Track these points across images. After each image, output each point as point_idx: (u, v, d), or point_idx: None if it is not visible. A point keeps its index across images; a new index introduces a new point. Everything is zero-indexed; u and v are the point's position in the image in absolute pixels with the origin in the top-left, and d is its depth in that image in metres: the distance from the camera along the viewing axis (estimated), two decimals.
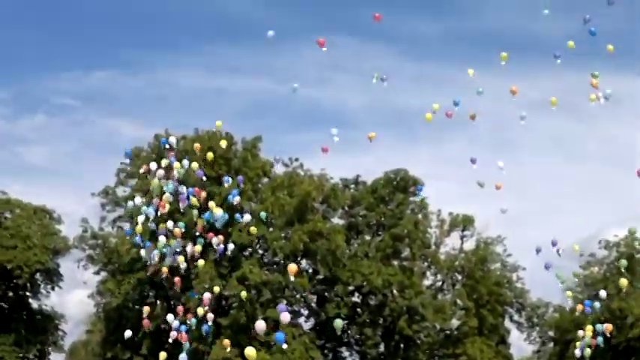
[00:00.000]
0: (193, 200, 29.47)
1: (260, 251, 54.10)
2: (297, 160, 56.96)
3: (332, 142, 27.88)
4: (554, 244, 27.68)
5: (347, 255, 55.27)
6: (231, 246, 34.15)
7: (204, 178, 36.76)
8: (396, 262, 57.24)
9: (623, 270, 41.11)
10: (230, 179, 37.37)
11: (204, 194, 31.24)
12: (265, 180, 55.21)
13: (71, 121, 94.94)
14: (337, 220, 57.70)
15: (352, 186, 60.72)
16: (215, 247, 30.25)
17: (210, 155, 35.58)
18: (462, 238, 60.90)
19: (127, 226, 53.83)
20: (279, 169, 55.78)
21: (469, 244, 60.38)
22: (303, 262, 54.10)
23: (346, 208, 59.27)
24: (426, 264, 59.44)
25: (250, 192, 51.03)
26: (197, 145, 34.66)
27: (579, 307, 36.02)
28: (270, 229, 51.58)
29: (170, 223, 29.53)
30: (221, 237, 30.22)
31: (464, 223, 60.07)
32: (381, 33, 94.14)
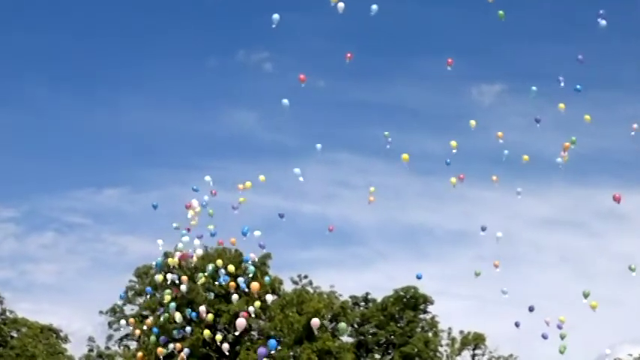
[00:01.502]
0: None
1: None
2: (306, 277, 56.89)
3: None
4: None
5: None
6: None
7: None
8: None
9: None
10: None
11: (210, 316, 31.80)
12: (274, 297, 54.87)
13: (81, 238, 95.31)
14: (347, 338, 57.04)
15: (362, 303, 60.38)
16: None
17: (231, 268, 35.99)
18: (473, 356, 60.03)
19: (133, 344, 53.35)
20: (288, 287, 55.58)
21: None
22: None
23: (356, 325, 58.73)
24: None
25: (259, 309, 50.59)
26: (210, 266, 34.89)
27: None
28: (279, 347, 50.88)
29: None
30: None
31: (475, 341, 59.32)
32: (386, 150, 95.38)
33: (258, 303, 33.95)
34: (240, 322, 30.20)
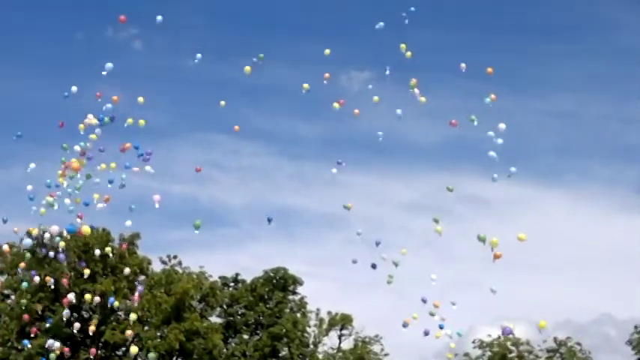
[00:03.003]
0: None
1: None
2: (175, 257, 56.37)
3: None
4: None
5: (224, 354, 54.38)
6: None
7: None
8: None
9: None
10: None
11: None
12: (142, 277, 54.11)
13: None
14: (215, 319, 56.95)
15: (231, 284, 60.33)
16: None
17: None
18: (340, 337, 61.00)
19: None
20: (157, 267, 54.92)
21: (347, 344, 60.51)
22: None
23: (225, 306, 58.67)
24: None
25: (126, 290, 49.82)
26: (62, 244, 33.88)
27: None
28: (146, 328, 50.35)
29: None
30: None
31: (342, 321, 60.28)
32: (259, 131, 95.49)
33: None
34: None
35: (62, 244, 28.56)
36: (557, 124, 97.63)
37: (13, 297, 49.95)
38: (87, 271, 37.29)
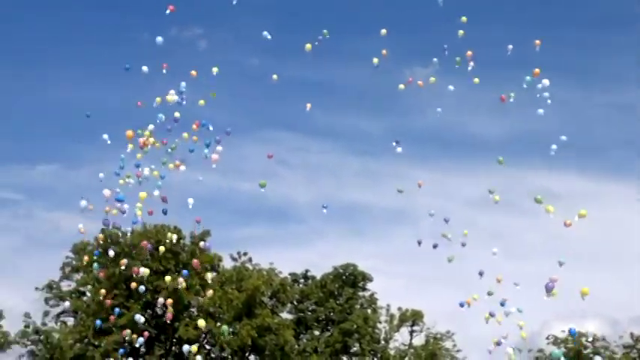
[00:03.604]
0: None
1: (207, 347, 53.20)
2: (245, 254, 56.86)
3: None
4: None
5: (296, 350, 54.61)
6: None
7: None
8: (345, 358, 56.71)
9: None
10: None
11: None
12: (214, 274, 54.73)
13: (14, 214, 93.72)
14: (286, 315, 57.28)
15: (301, 280, 60.61)
16: None
17: (162, 248, 35.39)
18: (411, 333, 60.74)
19: (71, 321, 52.81)
20: (227, 264, 55.50)
21: (418, 340, 60.25)
22: (252, 358, 53.32)
23: (295, 302, 58.96)
24: (375, 359, 58.94)
25: (198, 286, 50.45)
26: (144, 242, 34.54)
27: None
28: (218, 324, 50.90)
29: None
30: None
31: (413, 317, 60.01)
32: (325, 129, 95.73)
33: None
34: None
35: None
36: (624, 116, 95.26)
37: (88, 294, 51.05)
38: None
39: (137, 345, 29.45)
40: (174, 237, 39.10)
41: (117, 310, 34.10)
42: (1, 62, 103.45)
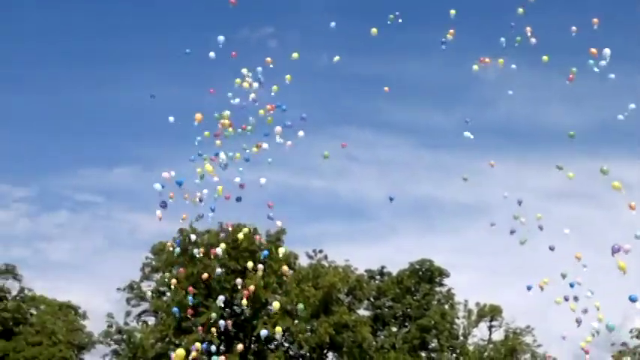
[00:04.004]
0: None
1: (286, 344, 53.57)
2: (321, 251, 57.05)
3: None
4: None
5: (374, 347, 54.60)
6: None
7: None
8: (423, 354, 56.46)
9: None
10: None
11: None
12: (290, 272, 55.05)
13: (94, 216, 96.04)
14: (363, 312, 57.30)
15: (377, 277, 60.54)
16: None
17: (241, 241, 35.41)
18: (490, 328, 60.14)
19: (152, 320, 53.81)
20: (303, 261, 55.77)
21: (498, 335, 59.62)
22: (330, 355, 53.46)
23: (372, 299, 58.93)
24: (454, 355, 58.54)
25: (275, 284, 50.83)
26: (222, 245, 34.70)
27: None
28: (296, 322, 51.18)
29: None
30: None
31: (491, 312, 59.40)
32: (396, 124, 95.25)
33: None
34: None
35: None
36: None
37: (168, 294, 51.92)
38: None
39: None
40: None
41: (191, 299, 34.24)
42: (79, 65, 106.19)
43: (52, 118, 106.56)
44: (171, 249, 42.94)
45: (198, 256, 37.15)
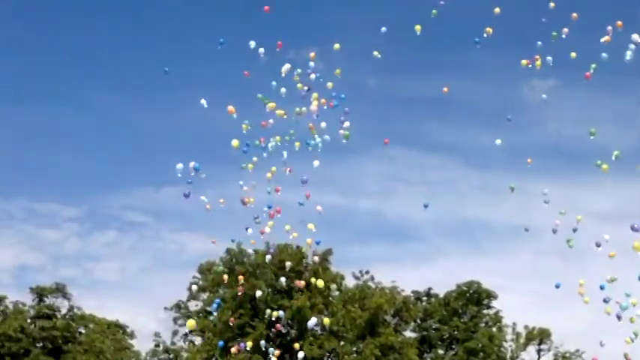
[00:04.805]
0: None
1: None
2: (367, 272, 56.85)
3: None
4: None
5: None
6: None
7: None
8: None
9: None
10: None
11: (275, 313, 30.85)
12: (336, 293, 54.95)
13: (142, 236, 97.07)
14: (409, 334, 56.89)
15: (424, 298, 60.17)
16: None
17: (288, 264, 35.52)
18: (538, 351, 59.35)
19: (198, 340, 54.02)
20: (349, 282, 55.64)
21: (547, 359, 58.80)
22: None
23: (418, 321, 58.54)
24: None
25: (321, 305, 50.76)
26: (269, 254, 34.76)
27: None
28: (342, 343, 51.01)
29: None
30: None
31: (540, 336, 58.64)
32: (443, 144, 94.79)
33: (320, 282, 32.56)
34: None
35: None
36: None
37: (215, 314, 52.15)
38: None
39: None
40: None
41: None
42: (125, 85, 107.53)
43: (102, 139, 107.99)
44: (216, 268, 43.26)
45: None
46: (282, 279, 37.98)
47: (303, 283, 35.74)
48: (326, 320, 32.81)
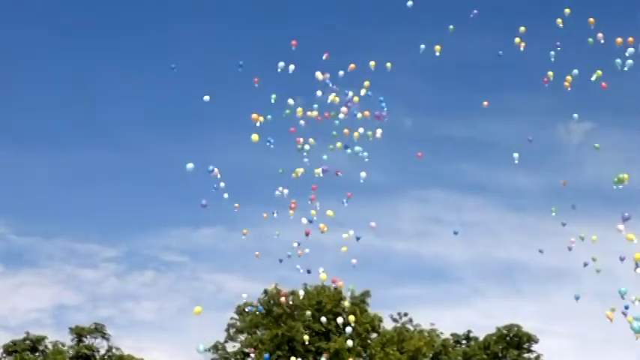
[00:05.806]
0: None
1: None
2: (406, 314, 56.44)
3: None
4: None
5: None
6: None
7: None
8: None
9: None
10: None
11: None
12: (374, 335, 54.59)
13: (179, 276, 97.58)
14: None
15: (463, 341, 59.48)
16: None
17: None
18: None
19: None
20: (387, 324, 55.24)
21: None
22: None
23: None
24: None
25: (359, 347, 50.43)
26: (308, 312, 34.72)
27: None
28: None
29: None
30: None
31: None
32: (480, 185, 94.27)
33: (352, 317, 32.51)
34: None
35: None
36: None
37: (252, 355, 52.02)
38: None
39: None
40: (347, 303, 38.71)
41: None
42: (162, 125, 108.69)
43: (139, 179, 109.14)
44: (250, 309, 43.10)
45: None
46: (323, 319, 37.81)
47: (353, 317, 35.23)
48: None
